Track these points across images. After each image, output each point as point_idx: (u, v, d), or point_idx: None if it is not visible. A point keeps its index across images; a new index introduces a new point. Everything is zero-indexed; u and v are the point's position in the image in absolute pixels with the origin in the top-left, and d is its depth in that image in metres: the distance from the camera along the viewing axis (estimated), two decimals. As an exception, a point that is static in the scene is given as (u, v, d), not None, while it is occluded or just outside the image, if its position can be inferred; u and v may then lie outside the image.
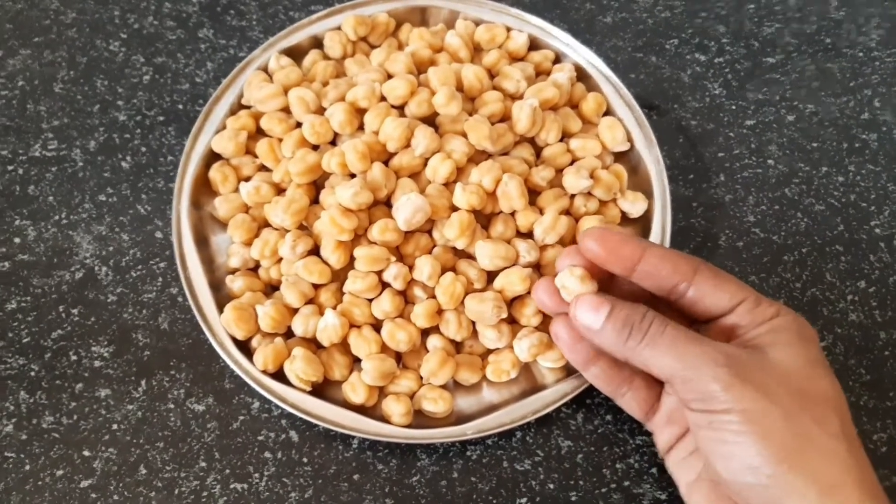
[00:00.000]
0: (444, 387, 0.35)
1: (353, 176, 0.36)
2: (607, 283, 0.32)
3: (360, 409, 0.35)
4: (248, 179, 0.39)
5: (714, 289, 0.28)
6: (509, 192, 0.35)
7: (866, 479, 0.26)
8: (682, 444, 0.31)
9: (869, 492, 0.25)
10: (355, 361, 0.36)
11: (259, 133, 0.40)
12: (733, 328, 0.29)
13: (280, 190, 0.38)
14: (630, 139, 0.40)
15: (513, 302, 0.36)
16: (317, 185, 0.38)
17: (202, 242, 0.38)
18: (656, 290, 0.30)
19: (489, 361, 0.36)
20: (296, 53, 0.42)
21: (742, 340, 0.28)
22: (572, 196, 0.38)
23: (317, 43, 0.43)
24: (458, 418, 0.35)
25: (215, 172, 0.39)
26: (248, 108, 0.41)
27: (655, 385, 0.32)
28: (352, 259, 0.35)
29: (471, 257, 0.36)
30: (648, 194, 0.39)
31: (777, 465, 0.25)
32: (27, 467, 0.34)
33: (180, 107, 0.44)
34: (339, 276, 0.36)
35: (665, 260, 0.29)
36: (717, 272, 0.29)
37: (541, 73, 0.42)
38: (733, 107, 0.45)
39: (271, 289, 0.37)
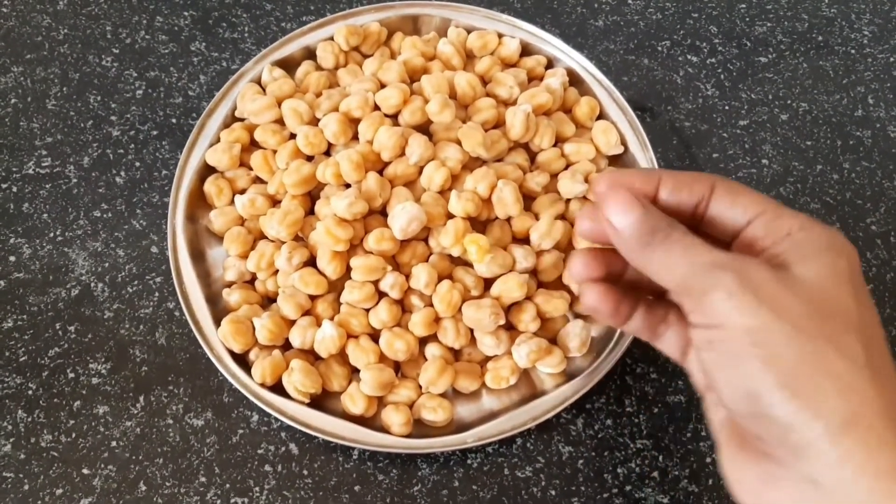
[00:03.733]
0: (443, 395, 0.35)
1: (347, 186, 0.36)
2: None
3: (360, 420, 0.34)
4: (242, 192, 0.38)
5: (731, 204, 0.25)
6: (504, 198, 0.35)
7: (891, 413, 0.21)
8: None
9: (894, 428, 0.21)
10: (354, 372, 0.36)
11: (253, 145, 0.40)
12: (752, 243, 0.25)
13: (275, 202, 0.38)
14: (624, 142, 0.40)
15: (510, 308, 0.36)
16: (312, 196, 0.38)
17: (198, 256, 0.38)
18: (677, 215, 0.26)
19: (488, 369, 0.36)
20: (288, 65, 0.42)
21: (764, 258, 0.24)
22: (568, 200, 0.38)
23: (309, 54, 0.43)
24: (458, 426, 0.35)
25: (210, 186, 0.39)
26: (241, 120, 0.41)
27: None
28: (348, 269, 0.35)
29: (467, 264, 0.36)
30: (644, 197, 0.39)
31: (779, 391, 0.21)
32: (26, 487, 0.34)
33: (174, 120, 0.44)
34: (335, 287, 0.36)
35: (681, 183, 0.26)
36: (733, 187, 0.26)
37: (533, 79, 0.42)
38: (726, 107, 0.45)
39: (268, 301, 0.37)
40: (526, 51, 0.43)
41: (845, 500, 0.21)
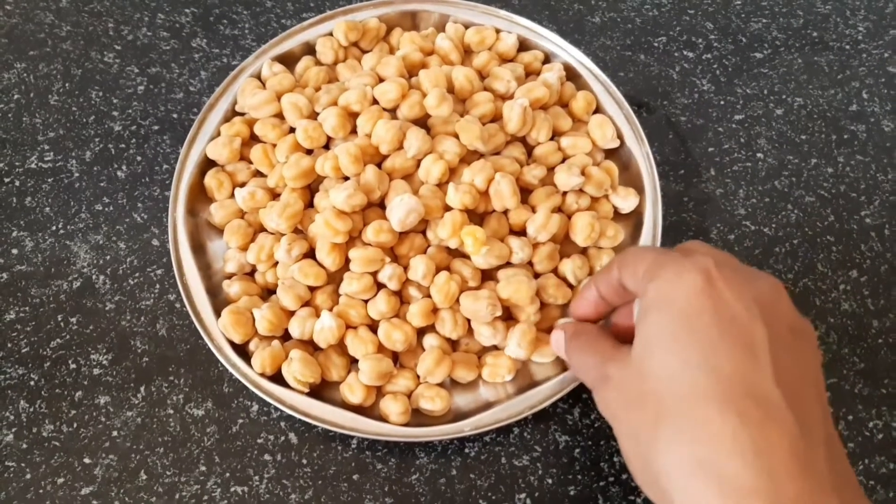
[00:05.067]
0: (440, 385, 0.35)
1: (346, 179, 0.36)
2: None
3: (359, 410, 0.35)
4: (243, 185, 0.39)
5: (622, 278, 0.29)
6: (501, 191, 0.36)
7: (697, 481, 0.22)
8: None
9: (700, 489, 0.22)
10: (352, 362, 0.36)
11: (253, 139, 0.40)
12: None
13: (275, 195, 0.38)
14: (620, 136, 0.41)
15: (508, 299, 0.36)
16: (311, 189, 0.38)
17: (199, 249, 0.38)
18: (622, 296, 0.31)
19: (487, 363, 0.36)
20: (288, 60, 0.43)
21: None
22: (564, 193, 0.38)
23: (309, 49, 0.43)
24: (456, 416, 0.35)
25: (210, 179, 0.39)
26: (241, 114, 0.41)
27: None
28: (347, 261, 0.36)
29: (465, 256, 0.36)
30: (640, 190, 0.40)
31: (639, 483, 0.26)
32: (28, 476, 0.35)
33: (175, 115, 0.44)
34: (334, 278, 0.36)
35: (600, 279, 0.31)
36: (624, 262, 0.29)
37: (531, 74, 0.43)
38: (722, 102, 0.46)
39: (268, 293, 0.38)
40: (523, 46, 0.43)
41: None
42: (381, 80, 0.39)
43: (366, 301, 0.36)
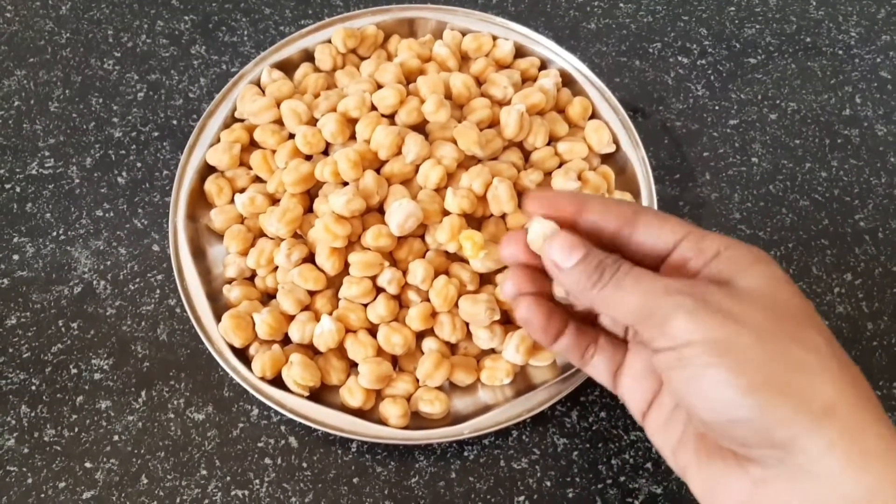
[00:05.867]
0: (439, 388, 0.36)
1: (345, 184, 0.37)
2: None
3: (358, 413, 0.35)
4: (242, 191, 0.39)
5: (658, 228, 0.26)
6: (499, 195, 0.36)
7: (863, 397, 0.22)
8: (658, 405, 0.28)
9: (870, 411, 0.22)
10: (352, 366, 0.36)
11: (252, 145, 0.41)
12: (682, 265, 0.26)
13: (274, 200, 0.39)
14: (616, 141, 0.41)
15: (506, 303, 0.37)
16: (310, 194, 0.38)
17: (199, 254, 0.38)
18: (597, 238, 0.27)
19: (485, 367, 0.36)
20: (287, 67, 0.43)
21: (702, 276, 0.25)
22: (561, 198, 0.39)
23: (307, 56, 0.44)
24: (455, 419, 0.35)
25: (210, 185, 0.39)
26: (241, 121, 0.41)
27: (620, 342, 0.29)
28: (346, 265, 0.36)
29: (463, 260, 0.37)
30: (635, 194, 0.40)
31: (756, 393, 0.22)
32: (30, 480, 0.35)
33: (174, 122, 0.45)
34: (334, 283, 0.37)
35: (608, 207, 0.27)
36: (658, 213, 0.27)
37: (527, 80, 0.43)
38: (717, 107, 0.46)
39: (268, 297, 0.38)
40: (520, 52, 0.44)
41: (837, 486, 0.21)
42: (379, 86, 0.40)
43: (365, 305, 0.36)
